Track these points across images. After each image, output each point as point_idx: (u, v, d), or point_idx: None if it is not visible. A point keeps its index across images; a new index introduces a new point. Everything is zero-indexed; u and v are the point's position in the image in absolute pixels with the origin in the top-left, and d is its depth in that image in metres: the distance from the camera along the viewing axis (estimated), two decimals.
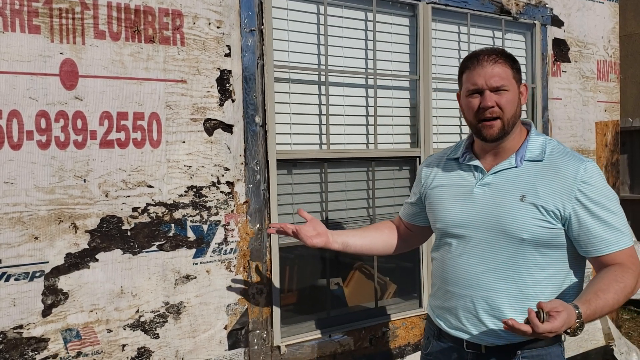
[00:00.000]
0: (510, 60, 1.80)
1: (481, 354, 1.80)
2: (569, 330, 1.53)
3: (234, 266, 2.64)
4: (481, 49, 1.86)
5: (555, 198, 1.71)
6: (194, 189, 2.52)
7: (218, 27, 2.57)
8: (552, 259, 1.75)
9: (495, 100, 1.75)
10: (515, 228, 1.73)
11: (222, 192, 2.59)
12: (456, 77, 3.35)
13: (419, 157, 3.33)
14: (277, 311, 2.76)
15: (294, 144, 2.95)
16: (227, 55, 2.60)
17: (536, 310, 1.50)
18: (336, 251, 3.13)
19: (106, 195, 2.30)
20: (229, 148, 2.61)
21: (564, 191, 1.70)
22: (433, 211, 1.95)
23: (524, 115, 3.89)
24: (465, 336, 1.83)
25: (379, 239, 2.19)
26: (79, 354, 2.26)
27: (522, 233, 1.72)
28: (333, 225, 3.10)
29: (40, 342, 2.18)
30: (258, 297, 2.71)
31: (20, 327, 2.15)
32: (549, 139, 1.84)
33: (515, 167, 1.78)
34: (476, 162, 1.86)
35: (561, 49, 4.00)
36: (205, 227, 2.55)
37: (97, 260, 2.29)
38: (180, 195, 2.48)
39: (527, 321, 1.49)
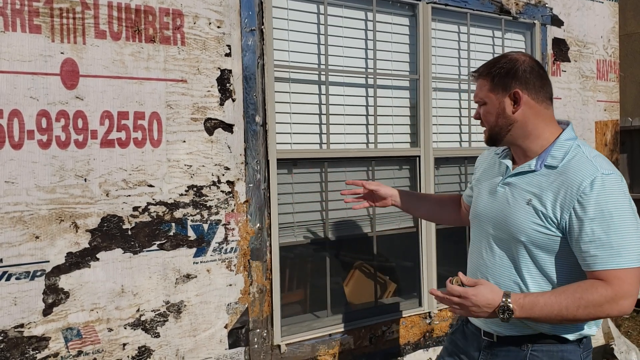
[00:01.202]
0: (489, 72, 1.85)
1: (494, 342, 1.87)
2: (496, 312, 1.68)
3: (235, 265, 2.64)
4: (489, 60, 1.95)
5: (556, 205, 1.72)
6: (195, 189, 2.52)
7: (218, 27, 2.58)
8: (552, 263, 1.76)
9: (477, 112, 1.91)
10: (515, 229, 1.78)
11: (222, 191, 2.60)
12: (456, 76, 3.38)
13: (419, 156, 3.33)
14: (277, 310, 2.77)
15: (294, 143, 2.96)
16: (228, 54, 2.60)
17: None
18: (338, 248, 3.15)
19: (107, 195, 2.31)
20: (229, 147, 2.62)
21: (565, 200, 1.70)
22: (474, 199, 2.07)
23: None
24: (481, 325, 1.92)
25: (443, 212, 2.38)
26: (79, 352, 2.27)
27: (520, 235, 1.77)
28: (333, 224, 3.11)
29: (41, 341, 2.19)
30: (258, 296, 2.72)
31: (21, 326, 2.15)
32: (579, 144, 1.79)
33: (534, 170, 1.81)
34: (507, 161, 1.92)
35: (561, 49, 4.01)
36: (205, 226, 2.55)
37: (97, 259, 2.30)
38: (181, 195, 2.49)
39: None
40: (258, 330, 2.72)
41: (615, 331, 4.36)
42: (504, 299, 1.68)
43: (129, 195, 2.36)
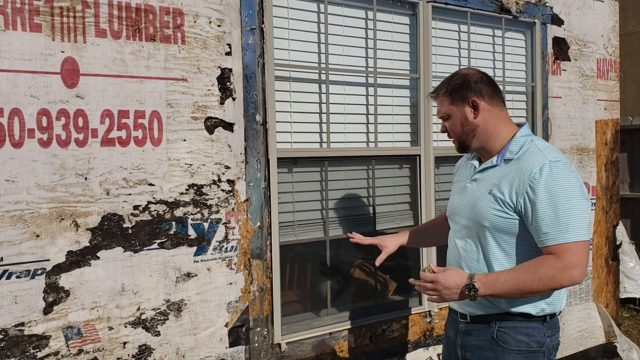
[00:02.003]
0: (446, 89, 2.10)
1: (468, 322, 2.10)
2: (464, 291, 1.89)
3: (235, 264, 2.64)
4: (443, 80, 2.19)
5: (512, 192, 1.94)
6: (195, 187, 2.52)
7: (219, 26, 2.58)
8: (513, 244, 1.98)
9: (444, 126, 2.15)
10: (480, 217, 2.02)
11: (222, 190, 2.60)
12: None
13: (419, 155, 3.34)
14: (277, 309, 2.77)
15: (294, 142, 2.96)
16: (228, 53, 2.60)
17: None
18: (338, 247, 3.15)
19: (107, 194, 2.31)
20: (229, 146, 2.62)
21: (519, 185, 1.93)
22: (448, 202, 2.30)
23: (523, 113, 3.90)
24: (457, 307, 2.14)
25: (446, 231, 2.43)
26: (80, 351, 2.27)
27: (484, 221, 2.01)
28: (334, 223, 3.11)
29: (41, 340, 2.19)
30: (259, 294, 2.72)
31: (22, 324, 2.16)
32: (532, 139, 2.03)
33: (496, 165, 2.05)
34: (474, 162, 2.18)
35: (561, 48, 4.01)
36: (206, 225, 2.55)
37: (98, 258, 2.30)
38: (181, 194, 2.49)
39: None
40: (258, 328, 2.72)
41: (617, 330, 4.37)
42: (469, 279, 1.90)
43: (130, 194, 2.36)
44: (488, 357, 2.02)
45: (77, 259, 2.26)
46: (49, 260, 2.20)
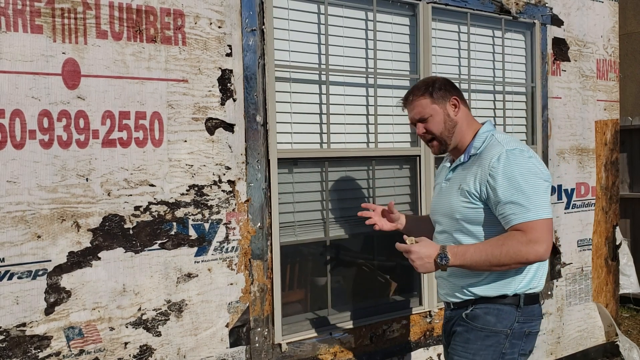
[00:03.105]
0: (425, 91, 2.22)
1: (452, 309, 2.25)
2: (437, 260, 2.00)
3: (236, 264, 2.65)
4: (411, 88, 2.31)
5: (475, 182, 2.09)
6: (196, 188, 2.53)
7: (219, 27, 2.58)
8: (486, 233, 2.10)
9: (424, 127, 2.23)
10: (452, 210, 2.17)
11: (223, 190, 2.61)
12: (456, 75, 3.39)
13: (419, 155, 3.34)
14: (278, 309, 2.78)
15: (294, 143, 2.97)
16: (229, 54, 2.61)
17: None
18: (338, 248, 3.16)
19: (108, 194, 2.32)
20: (230, 147, 2.62)
21: (481, 175, 2.07)
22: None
23: (523, 113, 3.91)
24: (442, 297, 2.30)
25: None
26: (81, 351, 2.28)
27: (455, 214, 2.16)
28: (334, 223, 3.11)
29: (43, 340, 2.20)
30: (259, 295, 2.73)
31: (23, 325, 2.16)
32: (493, 134, 2.18)
33: (464, 162, 2.20)
34: (447, 163, 2.35)
35: (561, 48, 4.01)
36: (206, 225, 2.56)
37: (99, 258, 2.31)
38: (182, 194, 2.49)
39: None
40: (259, 329, 2.73)
41: (618, 329, 4.38)
42: (440, 249, 2.02)
43: (131, 195, 2.37)
44: (458, 333, 2.17)
45: (79, 260, 2.26)
46: (50, 260, 2.20)
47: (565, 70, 4.04)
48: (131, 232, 2.37)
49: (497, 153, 2.06)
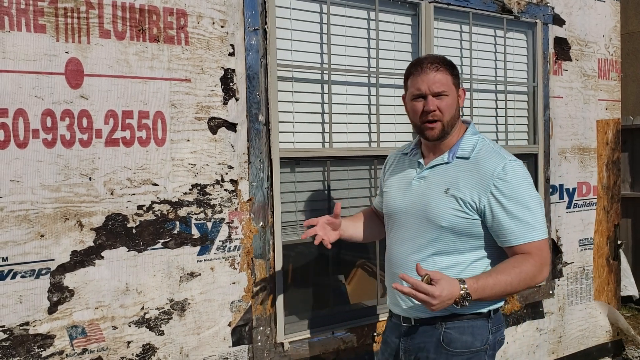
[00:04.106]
0: (450, 67, 2.02)
1: (412, 326, 2.05)
2: (457, 300, 1.78)
3: (238, 263, 2.65)
4: (425, 55, 2.10)
5: (473, 191, 1.92)
6: (199, 187, 2.53)
7: (222, 27, 2.59)
8: (470, 245, 1.96)
9: (436, 104, 1.98)
10: (435, 216, 1.96)
11: (226, 190, 2.61)
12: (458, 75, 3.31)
13: None
14: (280, 308, 2.78)
15: (297, 142, 2.97)
16: (231, 54, 2.61)
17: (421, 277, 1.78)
18: (340, 247, 3.16)
19: (111, 193, 2.32)
20: (232, 146, 2.63)
21: (481, 186, 1.91)
22: (384, 199, 2.22)
23: (525, 113, 3.91)
24: (400, 311, 2.08)
25: (374, 229, 2.42)
26: (84, 350, 2.28)
27: (441, 221, 1.95)
28: None
29: (46, 339, 2.20)
30: (262, 294, 2.73)
31: (27, 323, 2.17)
32: (483, 138, 2.05)
33: (447, 162, 2.01)
34: (419, 158, 2.11)
35: (562, 48, 4.02)
36: (209, 224, 2.56)
37: (102, 257, 2.31)
38: (185, 193, 2.50)
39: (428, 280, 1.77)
40: (261, 328, 2.73)
41: (625, 324, 4.38)
42: (463, 290, 1.80)
43: (134, 194, 2.37)
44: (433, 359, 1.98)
45: (82, 259, 2.27)
46: (53, 260, 2.21)
47: (566, 70, 4.04)
48: (134, 231, 2.38)
49: (500, 163, 1.92)
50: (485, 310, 1.98)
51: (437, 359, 1.98)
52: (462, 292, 1.79)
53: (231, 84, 2.62)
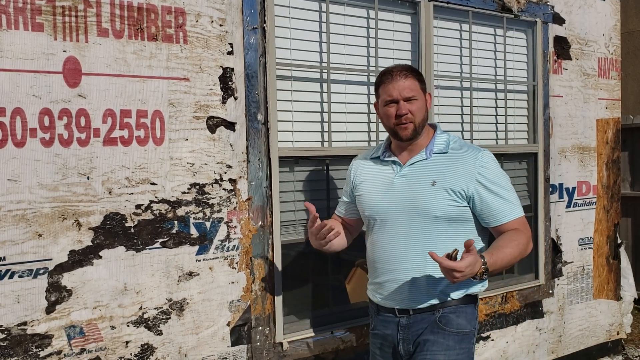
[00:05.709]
0: (417, 75, 2.22)
1: (410, 316, 2.18)
2: (476, 275, 1.93)
3: (237, 263, 2.65)
4: (393, 65, 2.26)
5: (460, 181, 2.11)
6: (197, 186, 2.53)
7: (221, 25, 2.58)
8: (461, 231, 2.13)
9: (408, 108, 2.15)
10: (428, 208, 2.11)
11: (224, 189, 2.60)
12: (457, 74, 3.38)
13: None
14: (279, 308, 2.77)
15: (296, 141, 2.96)
16: (230, 53, 2.60)
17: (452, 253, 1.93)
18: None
19: (109, 193, 2.31)
20: (231, 145, 2.62)
21: (467, 175, 2.11)
22: (361, 202, 2.30)
23: (525, 112, 3.90)
24: (396, 304, 2.20)
25: (343, 238, 2.46)
26: (82, 350, 2.28)
27: (435, 212, 2.11)
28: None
29: (44, 339, 2.20)
30: (260, 293, 2.72)
31: (25, 323, 2.16)
32: (452, 135, 2.26)
33: (426, 159, 2.18)
34: (394, 158, 2.25)
35: (562, 47, 4.01)
36: (208, 224, 2.56)
37: (100, 257, 2.30)
38: (183, 193, 2.49)
39: (449, 256, 1.91)
40: (260, 327, 2.72)
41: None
42: (483, 265, 1.94)
43: (132, 193, 2.36)
44: (430, 340, 2.13)
45: (80, 258, 2.26)
46: (51, 259, 2.20)
47: (566, 69, 4.03)
48: (132, 230, 2.37)
49: (477, 154, 2.15)
50: (474, 292, 2.19)
51: (435, 339, 2.13)
52: (483, 268, 1.94)
53: (230, 82, 2.61)
